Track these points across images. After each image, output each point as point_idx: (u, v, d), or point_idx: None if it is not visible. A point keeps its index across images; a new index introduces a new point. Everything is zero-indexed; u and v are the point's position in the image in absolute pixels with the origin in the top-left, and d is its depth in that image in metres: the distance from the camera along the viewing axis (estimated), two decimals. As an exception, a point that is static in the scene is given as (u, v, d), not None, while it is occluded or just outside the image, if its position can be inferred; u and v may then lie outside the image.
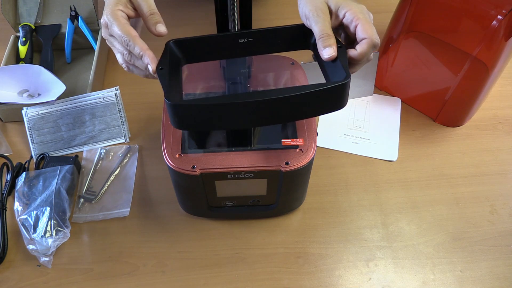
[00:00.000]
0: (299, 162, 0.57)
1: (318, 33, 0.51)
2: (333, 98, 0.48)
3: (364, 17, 0.51)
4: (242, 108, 0.46)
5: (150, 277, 0.65)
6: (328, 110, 0.50)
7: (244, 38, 0.56)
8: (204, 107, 0.46)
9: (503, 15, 0.63)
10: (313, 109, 0.49)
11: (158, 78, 0.50)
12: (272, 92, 0.46)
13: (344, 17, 0.52)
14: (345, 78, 0.47)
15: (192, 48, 0.55)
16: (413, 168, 0.77)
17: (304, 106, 0.48)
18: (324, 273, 0.65)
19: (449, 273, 0.65)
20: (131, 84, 0.89)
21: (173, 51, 0.54)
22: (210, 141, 0.61)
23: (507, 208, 0.72)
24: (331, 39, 0.51)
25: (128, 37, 0.50)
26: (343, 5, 0.52)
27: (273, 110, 0.47)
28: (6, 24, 0.91)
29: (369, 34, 0.50)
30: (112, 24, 0.51)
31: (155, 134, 0.81)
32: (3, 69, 0.82)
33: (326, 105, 0.49)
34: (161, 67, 0.50)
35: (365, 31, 0.50)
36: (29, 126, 0.77)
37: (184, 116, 0.47)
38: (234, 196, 0.64)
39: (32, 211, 0.66)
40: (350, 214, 0.71)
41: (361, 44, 0.50)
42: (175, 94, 0.48)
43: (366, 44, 0.50)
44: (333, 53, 0.50)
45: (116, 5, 0.52)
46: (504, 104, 0.86)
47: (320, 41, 0.51)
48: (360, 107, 0.85)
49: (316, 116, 0.54)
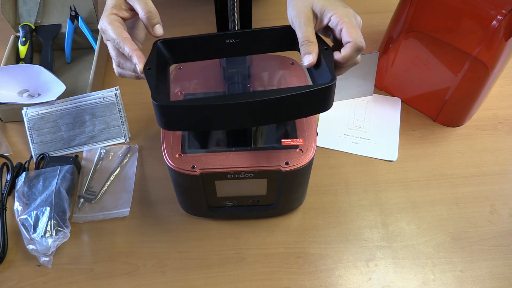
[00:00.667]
0: (299, 162, 0.57)
1: (300, 39, 0.52)
2: (318, 100, 0.48)
3: (349, 20, 0.51)
4: (226, 109, 0.46)
5: (150, 277, 0.65)
6: (313, 111, 0.50)
7: (232, 39, 0.56)
8: (187, 108, 0.46)
9: (503, 15, 0.63)
10: (298, 111, 0.49)
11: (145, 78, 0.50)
12: (257, 94, 0.46)
13: (329, 20, 0.52)
14: (330, 80, 0.47)
15: (180, 48, 0.56)
16: (413, 168, 0.77)
17: (289, 108, 0.48)
18: (324, 273, 0.65)
19: (449, 273, 0.65)
20: (131, 84, 0.89)
21: (161, 51, 0.55)
22: (210, 141, 0.61)
23: (507, 208, 0.72)
24: (311, 46, 0.51)
25: (119, 39, 0.51)
26: (328, 9, 0.52)
27: (258, 112, 0.47)
28: (6, 24, 0.91)
29: (353, 37, 0.50)
30: (106, 28, 0.52)
31: (155, 134, 0.81)
32: (3, 69, 0.82)
33: (312, 107, 0.49)
34: (148, 67, 0.51)
35: (350, 35, 0.50)
36: (29, 126, 0.77)
37: (170, 116, 0.48)
38: (234, 196, 0.64)
39: (32, 211, 0.66)
40: (350, 214, 0.71)
41: (345, 48, 0.50)
42: (161, 94, 0.48)
43: (350, 47, 0.50)
44: (311, 60, 0.50)
45: (112, 9, 0.52)
46: (504, 104, 0.86)
47: (302, 48, 0.51)
48: (360, 107, 0.85)
49: (301, 118, 0.54)
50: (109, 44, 0.54)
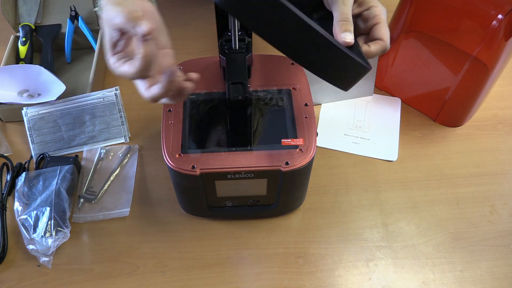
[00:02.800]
0: (299, 162, 0.57)
1: (339, 15, 0.50)
2: (351, 72, 0.48)
3: (385, 19, 0.52)
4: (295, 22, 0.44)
5: (150, 277, 0.65)
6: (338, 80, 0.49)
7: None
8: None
9: (503, 15, 0.63)
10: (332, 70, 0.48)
11: None
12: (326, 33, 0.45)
13: (368, 9, 0.52)
14: (368, 65, 0.47)
15: None
16: (413, 168, 0.77)
17: (333, 61, 0.47)
18: (324, 273, 0.65)
19: (449, 273, 0.65)
20: (131, 84, 0.88)
21: None
22: (210, 141, 0.61)
23: (507, 208, 0.72)
24: (350, 25, 0.50)
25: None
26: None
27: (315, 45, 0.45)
28: (6, 24, 0.91)
29: (386, 38, 0.51)
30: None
31: (155, 134, 0.81)
32: (3, 69, 0.82)
33: (343, 75, 0.48)
34: None
35: (384, 34, 0.51)
36: (29, 126, 0.77)
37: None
38: (234, 196, 0.64)
39: (32, 211, 0.66)
40: (350, 214, 0.71)
41: (375, 44, 0.51)
42: None
43: (380, 45, 0.51)
44: (352, 39, 0.49)
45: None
46: (504, 104, 0.86)
47: (339, 24, 0.50)
48: (360, 107, 0.85)
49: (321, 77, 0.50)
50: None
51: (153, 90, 0.48)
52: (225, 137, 0.61)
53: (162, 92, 0.48)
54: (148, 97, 0.49)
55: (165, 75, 0.47)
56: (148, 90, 0.49)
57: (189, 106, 0.63)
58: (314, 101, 0.82)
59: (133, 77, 0.47)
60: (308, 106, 0.63)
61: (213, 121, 0.63)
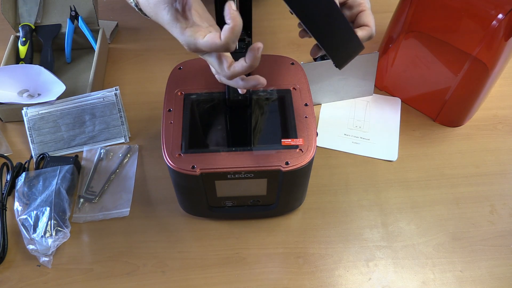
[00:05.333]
0: (299, 162, 0.57)
1: None
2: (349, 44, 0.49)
3: (369, 7, 0.53)
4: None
5: (150, 277, 0.65)
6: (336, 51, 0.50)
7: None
8: None
9: (503, 15, 0.63)
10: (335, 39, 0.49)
11: None
12: None
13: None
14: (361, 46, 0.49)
15: None
16: (413, 168, 0.77)
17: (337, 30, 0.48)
18: (324, 273, 0.65)
19: (449, 273, 0.65)
20: (131, 84, 0.89)
21: None
22: (210, 141, 0.61)
23: (507, 208, 0.72)
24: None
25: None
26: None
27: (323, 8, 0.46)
28: (6, 24, 0.91)
29: (372, 24, 0.52)
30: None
31: (155, 134, 0.81)
32: (3, 69, 0.82)
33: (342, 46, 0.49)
34: None
35: (370, 20, 0.53)
36: (29, 126, 0.77)
37: None
38: (234, 196, 0.64)
39: (32, 211, 0.66)
40: (350, 214, 0.71)
41: (362, 29, 0.52)
42: None
43: (367, 31, 0.52)
44: None
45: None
46: (504, 104, 0.86)
47: None
48: (360, 107, 0.85)
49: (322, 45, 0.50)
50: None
51: (237, 67, 0.46)
52: (225, 137, 0.61)
53: (246, 70, 0.46)
54: (229, 75, 0.47)
55: (251, 51, 0.45)
56: (232, 67, 0.47)
57: (189, 106, 0.63)
58: (314, 101, 0.82)
59: (220, 49, 0.44)
60: (308, 106, 0.63)
61: (213, 121, 0.63)
